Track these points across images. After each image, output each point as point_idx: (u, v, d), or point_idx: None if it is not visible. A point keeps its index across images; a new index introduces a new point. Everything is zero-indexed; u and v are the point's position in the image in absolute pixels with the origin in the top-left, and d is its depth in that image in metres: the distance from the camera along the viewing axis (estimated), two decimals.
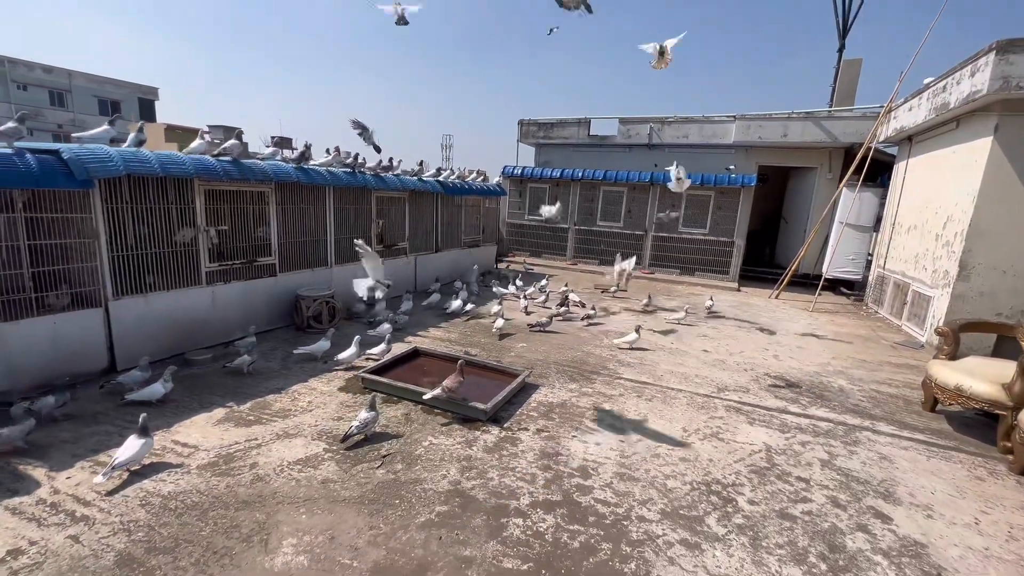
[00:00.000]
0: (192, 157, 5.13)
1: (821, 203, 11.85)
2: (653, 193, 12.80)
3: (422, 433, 3.95)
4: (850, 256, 11.11)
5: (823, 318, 9.17)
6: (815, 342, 7.44)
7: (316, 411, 4.23)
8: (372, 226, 7.96)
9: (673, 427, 4.32)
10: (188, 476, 3.20)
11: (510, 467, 3.53)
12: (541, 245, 14.46)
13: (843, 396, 5.29)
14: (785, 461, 3.85)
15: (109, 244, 4.55)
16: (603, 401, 4.78)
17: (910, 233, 8.99)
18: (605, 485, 3.38)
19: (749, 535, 2.95)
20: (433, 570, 2.54)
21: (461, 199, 10.49)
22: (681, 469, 3.64)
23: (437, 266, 9.81)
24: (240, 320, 5.89)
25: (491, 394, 4.41)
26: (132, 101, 37.79)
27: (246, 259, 5.94)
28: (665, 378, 5.52)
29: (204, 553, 2.55)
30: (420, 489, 3.21)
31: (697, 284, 12.04)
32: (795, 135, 11.81)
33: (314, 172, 6.57)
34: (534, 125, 15.28)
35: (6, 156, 3.83)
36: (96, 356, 4.59)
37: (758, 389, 5.35)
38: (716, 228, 12.42)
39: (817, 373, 6.00)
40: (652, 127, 13.71)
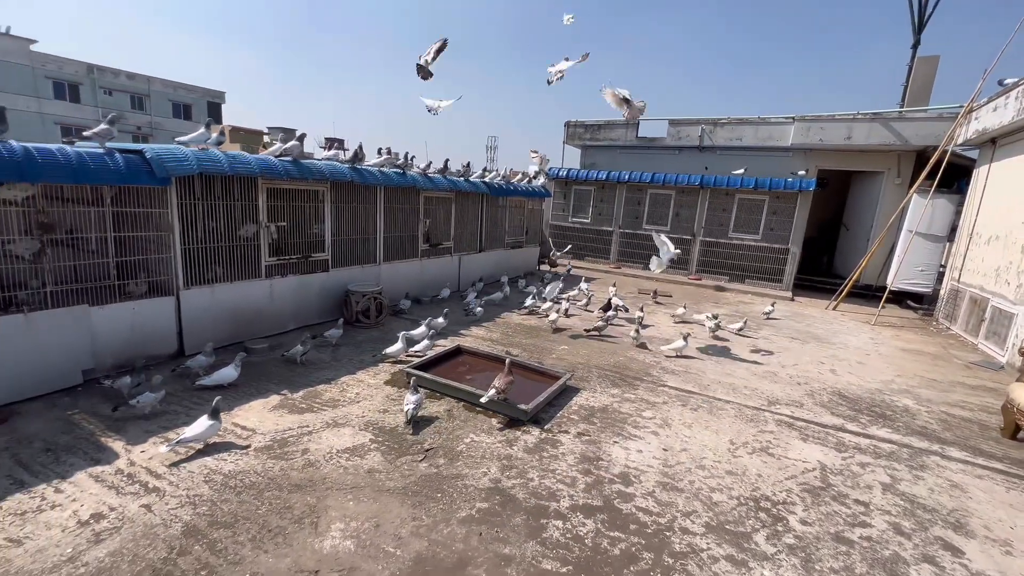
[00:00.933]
0: (257, 157, 5.45)
1: (887, 210, 11.10)
2: (703, 196, 12.41)
3: (464, 430, 4.01)
4: (919, 267, 10.34)
5: (887, 333, 8.58)
6: (877, 357, 6.97)
7: (363, 402, 4.38)
8: (419, 225, 8.16)
9: (720, 439, 4.18)
10: (246, 457, 3.40)
11: (550, 469, 3.53)
12: (584, 247, 14.33)
13: (908, 417, 4.93)
14: (842, 482, 3.63)
15: (182, 237, 4.90)
16: (645, 408, 4.68)
17: (991, 244, 8.27)
18: (647, 494, 3.31)
19: (801, 556, 2.80)
20: (473, 565, 2.57)
21: (505, 200, 10.57)
22: (727, 483, 3.52)
23: (481, 266, 9.92)
24: (294, 312, 6.20)
25: (532, 395, 4.42)
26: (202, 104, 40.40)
27: (302, 254, 6.24)
28: (712, 388, 5.34)
29: (260, 531, 2.70)
30: (461, 484, 3.26)
31: (747, 292, 11.57)
32: (860, 137, 11.11)
33: (367, 172, 6.82)
34: (580, 127, 15.16)
35: (99, 155, 4.21)
36: (167, 341, 4.95)
37: (813, 404, 5.08)
38: (769, 234, 11.89)
39: (879, 391, 5.62)
40: (704, 128, 13.29)
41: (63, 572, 2.33)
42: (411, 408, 3.95)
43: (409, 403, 4.00)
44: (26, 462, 3.17)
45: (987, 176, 8.85)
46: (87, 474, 3.09)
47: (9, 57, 28.17)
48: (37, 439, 3.44)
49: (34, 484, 2.96)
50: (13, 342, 3.84)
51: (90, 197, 4.36)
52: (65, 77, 31.21)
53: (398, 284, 7.77)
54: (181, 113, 38.86)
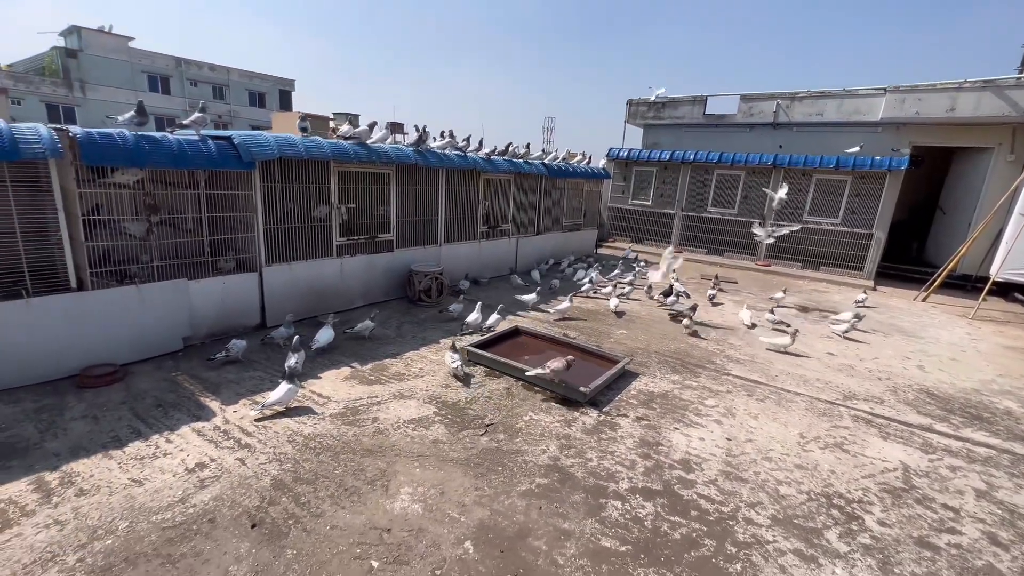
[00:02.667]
0: (330, 142, 5.73)
1: (996, 191, 9.86)
2: (775, 177, 11.62)
3: (522, 408, 4.10)
4: None
5: (987, 328, 7.74)
6: (975, 355, 6.32)
7: (427, 377, 4.58)
8: (479, 207, 8.27)
9: (788, 432, 3.99)
10: (323, 422, 3.68)
11: (609, 451, 3.54)
12: (644, 231, 13.92)
13: (1011, 420, 4.46)
14: (927, 484, 3.38)
15: (264, 218, 5.28)
16: (708, 396, 4.55)
17: None
18: (709, 482, 3.25)
19: (878, 558, 2.66)
20: (534, 536, 2.66)
21: (563, 182, 10.45)
22: (796, 476, 3.37)
23: (538, 248, 9.93)
24: (361, 290, 6.53)
25: (590, 378, 4.43)
26: (274, 92, 42.68)
27: (369, 235, 6.54)
28: (780, 379, 5.09)
29: (338, 489, 2.94)
30: (521, 460, 3.35)
31: (822, 280, 10.80)
32: (966, 108, 9.89)
33: (430, 155, 6.97)
34: (643, 105, 14.59)
35: (195, 142, 4.61)
36: (251, 313, 5.40)
37: (895, 401, 4.71)
38: (850, 218, 10.96)
39: (976, 391, 5.12)
40: (779, 103, 12.37)
41: (176, 511, 2.67)
42: (459, 364, 4.54)
43: (454, 361, 4.57)
44: (142, 414, 3.62)
45: None
46: (191, 428, 3.48)
47: (111, 54, 31.12)
48: (148, 395, 3.90)
49: (149, 434, 3.37)
50: (128, 310, 4.35)
51: (187, 180, 4.80)
52: (157, 71, 34.03)
53: (457, 265, 7.96)
54: (256, 101, 41.30)
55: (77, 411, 3.61)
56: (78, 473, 2.93)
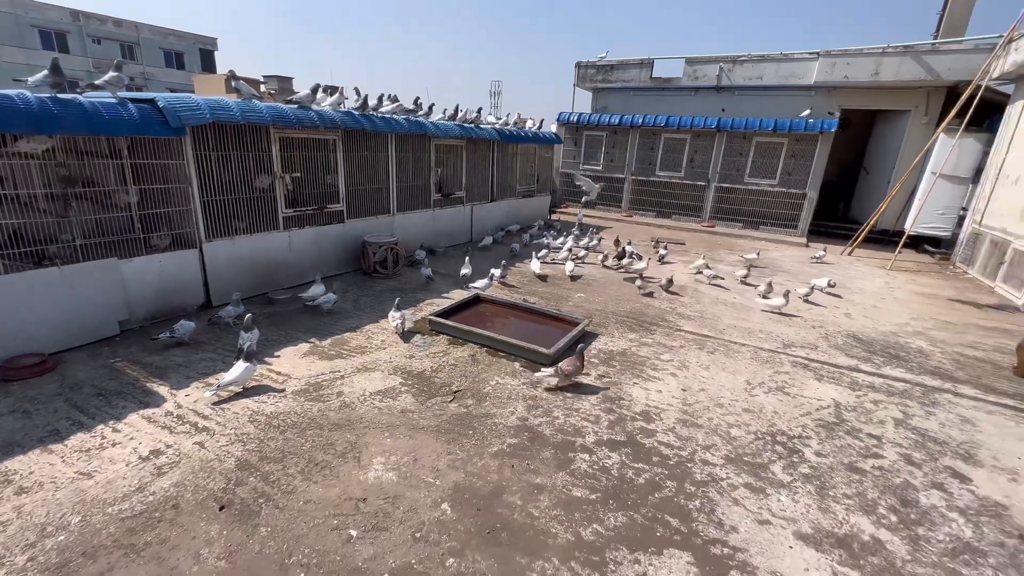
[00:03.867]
0: (268, 105, 5.33)
1: (912, 151, 10.70)
2: (719, 140, 12.02)
3: (488, 373, 4.16)
4: (940, 211, 10.11)
5: (902, 277, 8.55)
6: (892, 301, 6.99)
7: (389, 349, 4.52)
8: (431, 175, 8.05)
9: (736, 379, 4.30)
10: (285, 400, 3.58)
11: (574, 408, 3.68)
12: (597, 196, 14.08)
13: (922, 357, 5.02)
14: (855, 418, 3.77)
15: (200, 190, 4.90)
16: (664, 351, 4.79)
17: (1018, 185, 8.04)
18: (668, 429, 3.47)
19: (815, 484, 2.97)
20: (508, 493, 2.76)
21: (516, 147, 10.33)
22: (745, 419, 3.66)
23: (493, 215, 9.86)
24: (313, 264, 6.27)
25: (553, 340, 4.53)
26: (194, 52, 38.77)
27: (317, 206, 6.23)
28: (727, 332, 5.43)
29: (308, 464, 2.89)
30: (491, 423, 3.42)
31: (761, 239, 11.46)
32: (889, 73, 10.56)
33: (378, 119, 6.66)
34: (592, 68, 14.49)
35: (112, 106, 4.15)
36: (194, 292, 5.07)
37: (827, 347, 5.16)
38: (787, 179, 11.60)
39: (893, 333, 5.69)
40: (722, 67, 12.66)
41: (134, 500, 2.54)
42: (399, 323, 4.75)
43: (395, 319, 4.77)
44: (81, 405, 3.36)
45: (1021, 112, 8.46)
46: (139, 415, 3.28)
47: None
48: (86, 385, 3.62)
49: (92, 425, 3.15)
50: (52, 294, 3.96)
51: (107, 149, 4.34)
52: (51, 25, 29.91)
53: (412, 235, 7.78)
54: (174, 62, 37.45)
55: (4, 406, 3.31)
56: (15, 471, 2.71)
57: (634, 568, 2.31)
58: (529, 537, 2.46)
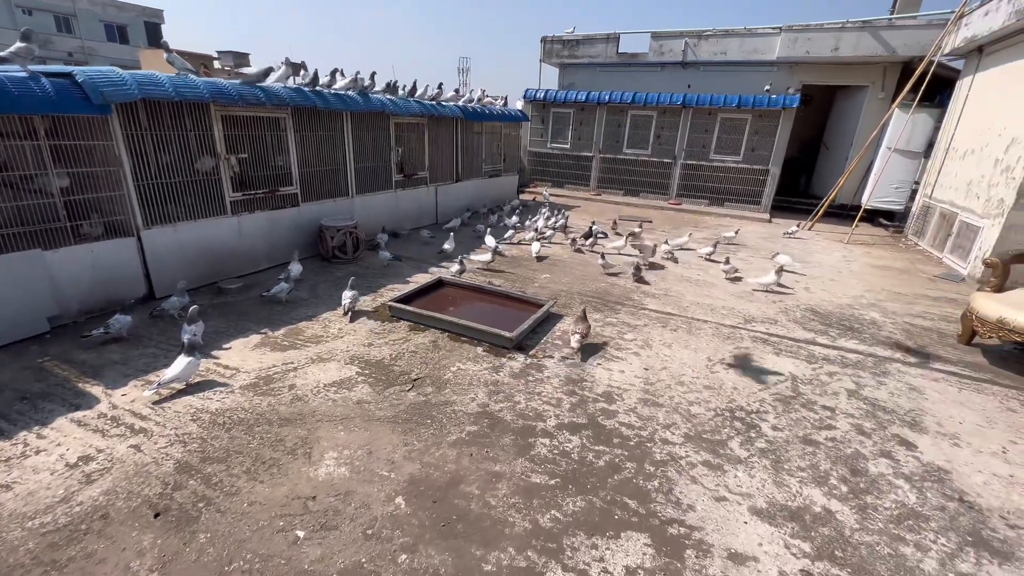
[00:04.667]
0: (206, 80, 4.94)
1: (869, 127, 10.97)
2: (685, 116, 12.01)
3: (449, 359, 4.05)
4: (894, 185, 10.44)
5: (858, 250, 8.81)
6: (849, 274, 7.20)
7: (347, 337, 4.36)
8: (391, 154, 7.75)
9: (698, 356, 4.33)
10: (232, 395, 3.39)
11: (536, 392, 3.63)
12: (564, 175, 13.98)
13: (875, 328, 5.17)
14: (811, 391, 3.85)
15: (134, 173, 4.54)
16: (627, 331, 4.79)
17: (965, 159, 8.33)
18: (629, 410, 3.46)
19: (771, 458, 3.01)
20: (466, 483, 2.69)
21: (481, 126, 10.06)
22: (705, 396, 3.69)
23: (459, 196, 9.63)
24: (266, 250, 5.98)
25: (517, 323, 4.45)
26: (138, 25, 36.12)
27: (268, 189, 5.90)
28: (691, 309, 5.47)
29: (254, 463, 2.75)
30: (450, 411, 3.34)
31: (726, 216, 11.61)
32: (848, 48, 10.69)
33: (330, 96, 6.30)
34: (558, 43, 14.19)
35: (22, 80, 3.74)
36: (135, 284, 4.75)
37: (786, 321, 5.26)
38: (751, 155, 11.72)
39: (849, 306, 5.85)
40: (687, 42, 12.58)
41: (58, 512, 2.35)
42: (348, 301, 4.70)
43: (347, 298, 4.73)
44: (1, 411, 3.10)
45: (970, 87, 8.71)
46: (68, 419, 3.05)
47: None
48: (8, 388, 3.34)
49: (13, 432, 2.91)
50: None
51: (21, 130, 3.94)
52: None
53: (373, 217, 7.51)
54: (116, 36, 34.90)
55: None
56: None
57: (591, 553, 2.28)
58: (485, 527, 2.40)
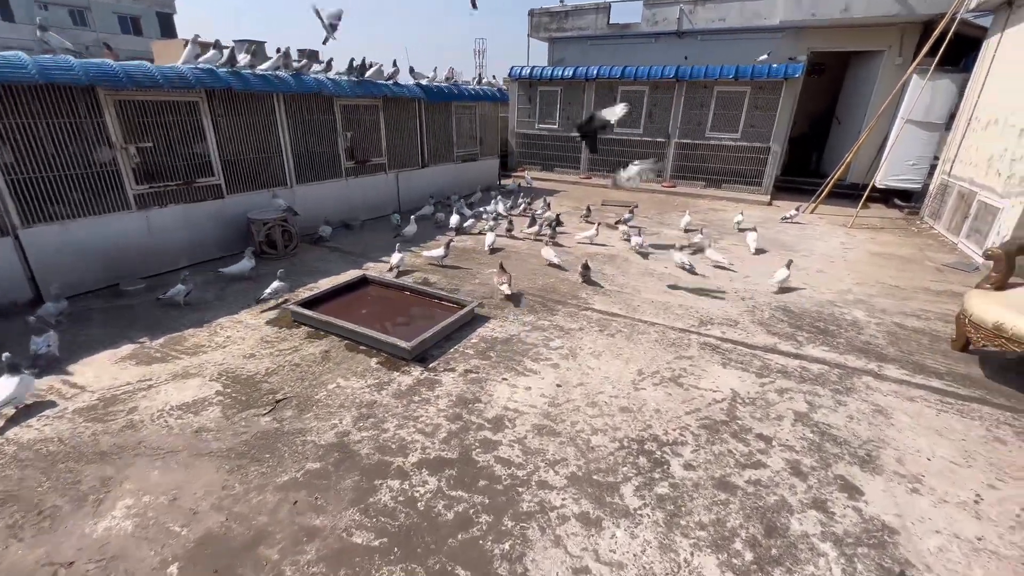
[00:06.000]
0: (83, 62, 4.46)
1: (884, 97, 9.82)
2: (678, 91, 11.06)
3: (333, 374, 3.55)
4: (910, 161, 9.37)
5: (862, 235, 7.91)
6: (842, 264, 6.38)
7: (231, 347, 3.89)
8: (339, 139, 7.21)
9: (628, 369, 3.72)
10: (59, 421, 2.97)
11: (414, 416, 3.10)
12: (553, 157, 13.20)
13: (854, 331, 4.44)
14: (750, 414, 3.21)
15: (3, 167, 4.12)
16: (557, 336, 4.19)
17: (988, 129, 7.29)
18: (516, 441, 2.90)
19: (668, 510, 2.42)
20: (268, 543, 2.19)
21: (450, 106, 9.39)
22: (616, 422, 3.09)
23: (426, 183, 9.04)
24: (186, 247, 5.56)
25: (428, 329, 3.92)
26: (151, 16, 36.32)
27: (183, 180, 5.45)
28: (641, 308, 4.82)
29: (26, 515, 2.31)
30: (300, 441, 2.84)
31: (722, 198, 10.72)
32: (859, 7, 9.55)
33: (252, 77, 5.77)
34: (546, 15, 13.30)
35: None
36: (17, 288, 4.38)
37: (749, 322, 4.57)
38: (750, 132, 10.72)
39: (831, 302, 5.10)
40: (682, 9, 11.56)
41: None
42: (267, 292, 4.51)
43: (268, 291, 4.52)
44: None
45: (996, 47, 7.60)
46: None
47: None
48: None
49: None
50: None
51: None
52: None
53: (320, 208, 7.02)
54: (130, 27, 35.23)
55: None
56: None
57: None
58: None
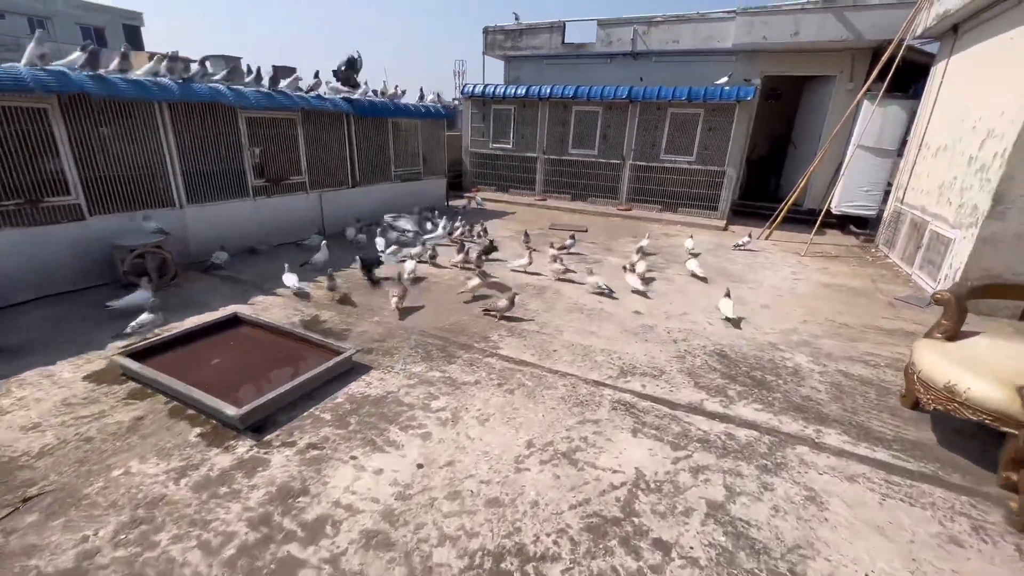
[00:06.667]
0: None
1: (837, 121, 9.62)
2: (632, 112, 10.71)
3: (132, 452, 2.75)
4: (864, 187, 9.13)
5: (815, 265, 7.48)
6: (791, 298, 5.87)
7: (14, 413, 3.05)
8: (245, 155, 6.47)
9: (516, 439, 3.02)
10: None
11: (207, 520, 2.32)
12: (508, 178, 12.69)
13: (795, 382, 3.85)
14: (652, 506, 2.53)
15: None
16: (444, 392, 3.48)
17: (938, 156, 7.01)
18: (329, 559, 2.15)
19: None
20: None
21: (385, 122, 8.76)
22: (476, 523, 2.37)
23: (356, 203, 8.33)
24: (28, 277, 4.69)
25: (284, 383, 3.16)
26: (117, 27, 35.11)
27: (26, 198, 4.62)
28: (557, 354, 4.15)
29: None
30: (18, 569, 2.03)
31: (677, 223, 10.28)
32: (809, 32, 9.38)
33: (123, 83, 5.02)
34: (500, 33, 12.92)
35: None
36: None
37: (677, 371, 3.95)
38: (705, 155, 10.39)
39: (773, 344, 4.53)
40: (636, 30, 11.30)
41: None
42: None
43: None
44: None
45: (944, 73, 7.40)
46: None
47: None
48: None
49: None
50: None
51: None
52: None
53: (219, 231, 6.23)
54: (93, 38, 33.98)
55: None
56: None
57: None
58: None
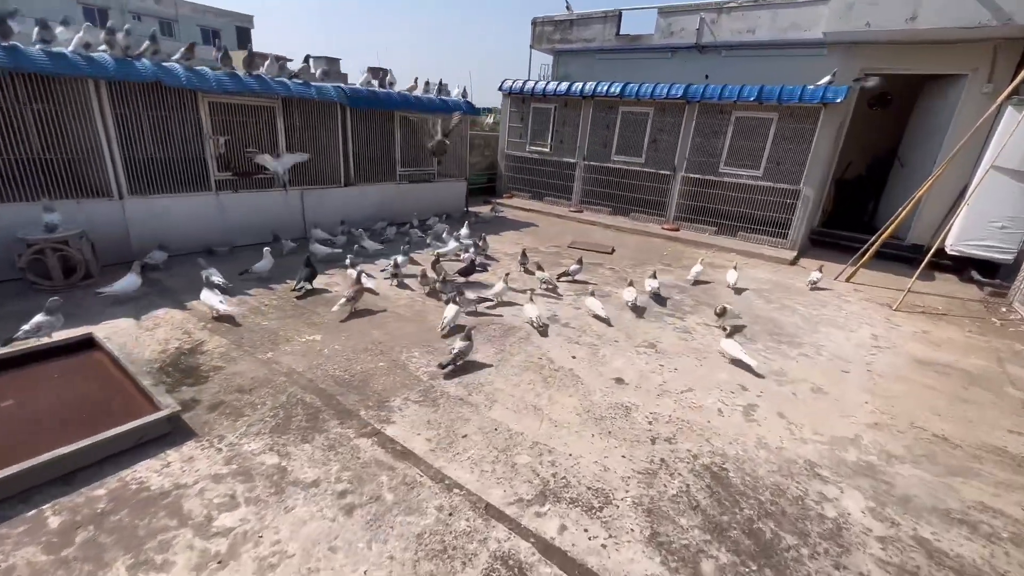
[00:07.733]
0: None
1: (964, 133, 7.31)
2: (688, 115, 8.97)
3: None
4: (998, 222, 6.78)
5: (910, 325, 5.46)
6: (861, 376, 4.08)
7: None
8: (207, 144, 5.80)
9: None
10: None
11: None
12: (543, 184, 11.39)
13: (831, 556, 2.26)
14: None
15: None
16: (251, 499, 2.34)
17: None
18: None
19: None
20: None
21: (391, 115, 7.86)
22: None
23: (348, 205, 7.50)
24: None
25: None
26: (230, 29, 39.01)
27: None
28: (465, 443, 2.87)
29: None
30: None
31: (732, 250, 8.40)
32: (930, 16, 7.16)
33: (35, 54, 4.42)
34: (549, 24, 11.67)
35: None
36: None
37: (631, 504, 2.50)
38: (776, 170, 8.41)
39: (811, 465, 2.90)
40: (703, 18, 9.54)
41: None
42: None
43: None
44: None
45: None
46: None
47: None
48: None
49: None
50: None
51: None
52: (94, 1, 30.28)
53: (167, 228, 5.61)
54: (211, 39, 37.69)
55: None
56: None
57: None
58: None
